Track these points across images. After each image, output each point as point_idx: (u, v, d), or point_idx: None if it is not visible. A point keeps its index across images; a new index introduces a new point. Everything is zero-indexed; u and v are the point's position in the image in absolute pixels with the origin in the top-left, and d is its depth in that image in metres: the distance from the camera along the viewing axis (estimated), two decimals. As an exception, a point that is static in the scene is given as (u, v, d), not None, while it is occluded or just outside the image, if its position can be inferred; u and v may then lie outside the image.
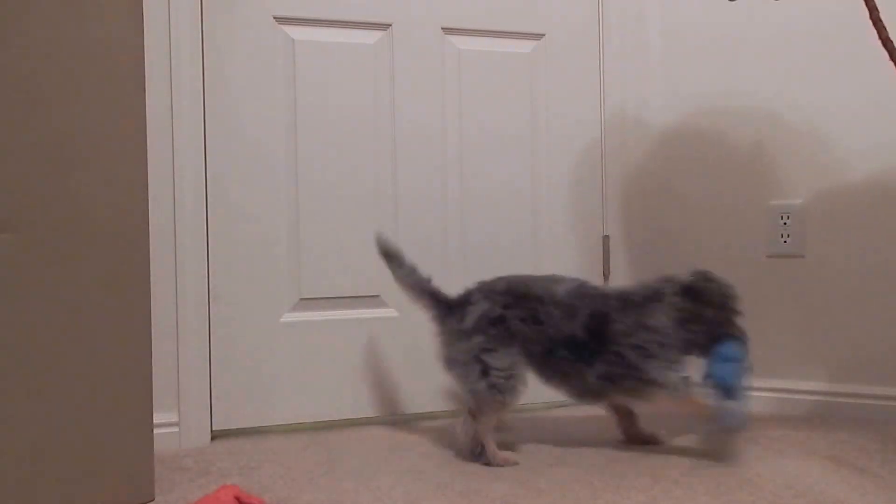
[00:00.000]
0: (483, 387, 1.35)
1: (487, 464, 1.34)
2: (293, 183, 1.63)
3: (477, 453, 1.36)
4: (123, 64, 1.13)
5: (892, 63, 1.09)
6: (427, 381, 1.69)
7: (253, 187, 1.60)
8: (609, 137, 1.81)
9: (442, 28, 1.71)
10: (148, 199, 1.16)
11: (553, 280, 1.42)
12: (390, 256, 1.46)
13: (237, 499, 1.03)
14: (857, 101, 1.61)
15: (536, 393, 1.47)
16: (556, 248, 1.79)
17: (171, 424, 1.52)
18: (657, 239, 1.83)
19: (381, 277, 1.60)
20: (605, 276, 1.81)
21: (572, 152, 1.80)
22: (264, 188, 1.61)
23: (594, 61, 1.81)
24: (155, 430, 1.29)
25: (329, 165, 1.65)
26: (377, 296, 1.68)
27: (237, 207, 1.59)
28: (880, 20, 1.09)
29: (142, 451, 1.18)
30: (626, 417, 1.48)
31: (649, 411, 1.45)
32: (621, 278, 1.80)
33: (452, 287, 1.41)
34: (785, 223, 1.69)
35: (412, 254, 1.65)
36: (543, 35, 1.77)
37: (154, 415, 1.22)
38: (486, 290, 1.41)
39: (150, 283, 1.16)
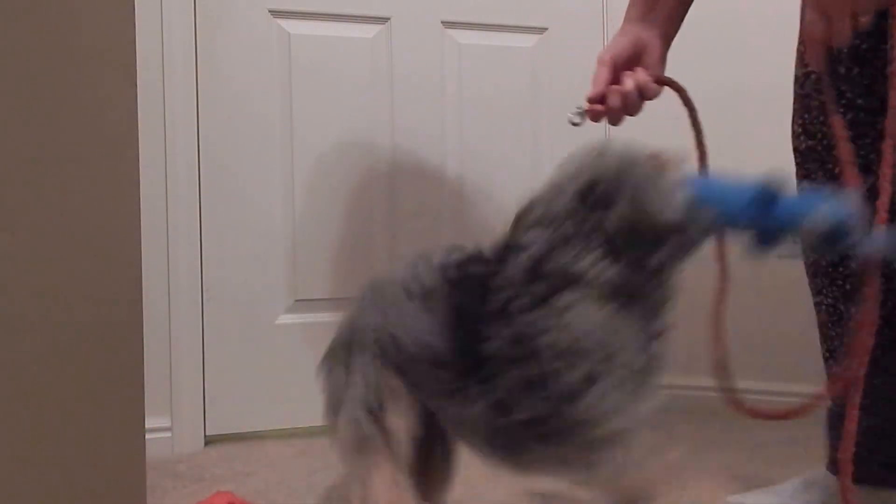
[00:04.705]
0: None
1: None
2: (290, 182, 1.59)
3: None
4: (115, 66, 1.10)
5: None
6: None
7: (248, 187, 1.57)
8: (614, 136, 1.77)
9: (442, 22, 1.68)
10: (140, 199, 1.13)
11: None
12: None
13: (231, 506, 1.00)
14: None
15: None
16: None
17: (163, 429, 1.49)
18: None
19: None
20: (610, 276, 1.78)
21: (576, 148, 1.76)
22: (260, 190, 1.58)
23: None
24: (146, 436, 1.27)
25: (327, 164, 1.61)
26: (376, 296, 1.64)
27: (230, 207, 1.56)
28: None
29: (133, 457, 1.14)
30: None
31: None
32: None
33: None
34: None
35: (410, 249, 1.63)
36: (546, 29, 1.74)
37: (145, 419, 1.19)
38: None
39: (141, 281, 1.14)
